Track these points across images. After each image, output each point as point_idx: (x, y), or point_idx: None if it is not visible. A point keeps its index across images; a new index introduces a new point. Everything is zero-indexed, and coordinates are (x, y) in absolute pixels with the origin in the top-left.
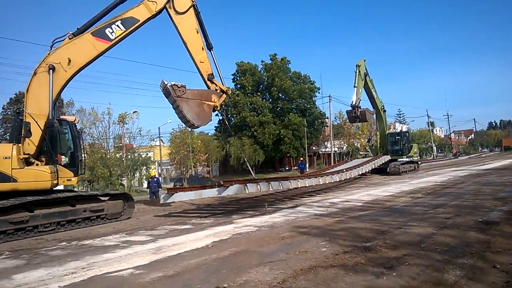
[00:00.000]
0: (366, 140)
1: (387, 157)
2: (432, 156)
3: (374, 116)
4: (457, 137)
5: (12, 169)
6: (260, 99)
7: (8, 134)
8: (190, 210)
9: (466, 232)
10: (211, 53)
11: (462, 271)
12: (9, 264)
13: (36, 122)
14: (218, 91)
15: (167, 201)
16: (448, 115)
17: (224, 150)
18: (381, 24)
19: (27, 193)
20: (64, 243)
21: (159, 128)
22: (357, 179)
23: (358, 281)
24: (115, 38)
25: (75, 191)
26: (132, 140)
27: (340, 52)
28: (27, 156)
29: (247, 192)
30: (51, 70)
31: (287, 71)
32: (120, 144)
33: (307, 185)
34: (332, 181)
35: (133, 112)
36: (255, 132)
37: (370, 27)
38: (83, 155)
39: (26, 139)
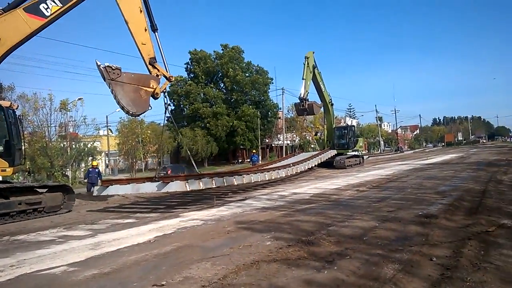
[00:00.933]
0: (314, 133)
1: (333, 152)
2: (379, 150)
3: (322, 109)
4: (403, 132)
5: None
6: (214, 89)
7: None
8: (135, 202)
9: (407, 225)
10: (155, 35)
11: (400, 264)
12: None
13: None
14: (160, 77)
15: (101, 194)
16: (395, 111)
17: (176, 141)
18: (333, 19)
19: None
20: None
21: (106, 116)
22: (306, 171)
23: (299, 275)
24: (51, 15)
25: (10, 182)
26: (77, 129)
27: (293, 45)
28: None
29: (188, 190)
30: None
31: (240, 61)
32: (63, 133)
33: (253, 181)
34: (279, 177)
35: (78, 99)
36: (208, 124)
37: (321, 21)
38: (22, 144)
39: None
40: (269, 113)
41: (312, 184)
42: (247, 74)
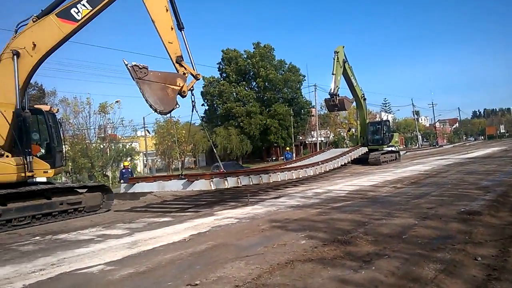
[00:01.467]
0: (347, 129)
1: (365, 149)
2: (417, 145)
3: (354, 104)
4: (442, 126)
5: None
6: (246, 88)
7: None
8: (170, 201)
9: (448, 223)
10: (182, 33)
11: (442, 264)
12: None
13: (3, 113)
14: (186, 75)
15: (128, 191)
16: (433, 104)
17: (210, 140)
18: (366, 13)
19: None
20: (37, 237)
21: (143, 118)
22: (340, 168)
23: (335, 275)
24: (82, 18)
25: (52, 183)
26: (115, 130)
27: (326, 41)
28: None
29: (213, 188)
30: (15, 56)
31: (271, 59)
32: (102, 135)
33: (279, 180)
34: (306, 175)
35: (115, 102)
36: (241, 123)
37: (354, 16)
38: (63, 146)
39: None
40: (302, 110)
41: (348, 181)
42: (279, 72)
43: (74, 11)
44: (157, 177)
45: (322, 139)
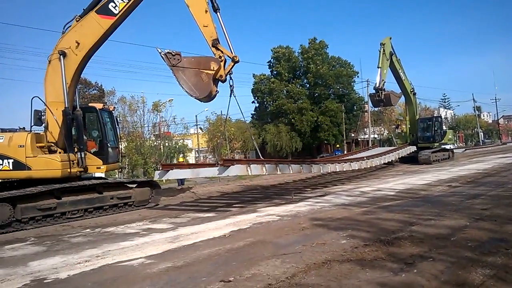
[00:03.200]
0: (394, 126)
1: (413, 148)
2: (478, 143)
3: (403, 99)
4: (506, 122)
5: (26, 157)
6: (298, 85)
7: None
8: (218, 197)
9: (503, 225)
10: (217, 15)
11: (492, 270)
12: (30, 251)
13: (50, 110)
14: (223, 58)
15: (163, 178)
16: (496, 99)
17: (260, 138)
18: (423, 3)
19: (43, 181)
20: (88, 230)
21: (196, 116)
22: (392, 167)
23: (373, 278)
24: (119, 12)
25: (105, 178)
26: (167, 128)
27: (379, 35)
28: (51, 144)
29: (250, 174)
30: (61, 56)
31: (324, 56)
32: (156, 133)
33: (322, 171)
34: (351, 169)
35: (168, 101)
36: (292, 119)
37: (411, 7)
38: (119, 143)
39: (49, 127)
40: (355, 106)
41: (399, 180)
42: (330, 68)
43: (112, 5)
44: (192, 165)
45: (376, 136)
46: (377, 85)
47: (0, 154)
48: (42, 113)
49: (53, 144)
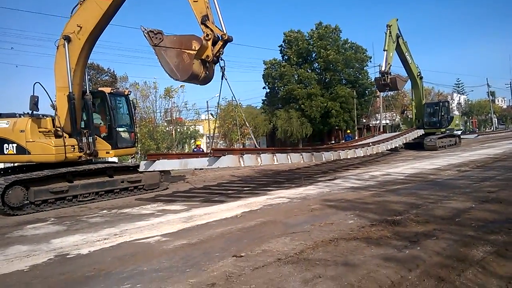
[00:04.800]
0: (400, 111)
1: (420, 131)
2: (492, 128)
3: (409, 84)
4: None
5: (26, 141)
6: (309, 70)
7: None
8: (230, 181)
9: (509, 206)
10: None
11: (493, 247)
12: (51, 230)
13: (49, 96)
14: (210, 36)
15: (148, 170)
16: (511, 84)
17: (271, 123)
18: None
19: (44, 165)
20: (104, 211)
21: (207, 102)
22: (401, 153)
23: (378, 254)
24: None
25: (114, 162)
26: (179, 113)
27: (391, 17)
28: (57, 129)
29: (243, 165)
30: (65, 42)
31: (336, 39)
32: (168, 119)
33: (324, 159)
34: (356, 156)
35: (180, 86)
36: (302, 105)
37: None
38: (134, 128)
39: (57, 112)
40: (367, 91)
41: (409, 164)
42: (341, 53)
43: None
44: (180, 154)
45: (388, 122)
46: (383, 69)
47: (5, 138)
48: (38, 98)
49: (59, 129)
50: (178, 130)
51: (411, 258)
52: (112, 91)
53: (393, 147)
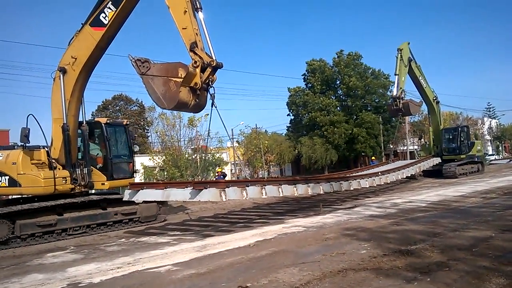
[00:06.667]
0: (418, 137)
1: (437, 159)
2: None
3: (426, 108)
4: None
5: (17, 174)
6: (333, 97)
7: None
8: (248, 209)
9: None
10: (199, 15)
11: (507, 279)
12: (69, 258)
13: (42, 128)
14: (198, 63)
15: (132, 199)
16: None
17: (296, 150)
18: (466, 9)
19: (39, 198)
20: (123, 239)
21: (232, 129)
22: (417, 181)
23: (385, 285)
24: (109, 22)
25: (117, 193)
26: (203, 141)
27: (417, 44)
28: (52, 160)
29: (225, 200)
30: (61, 73)
31: (358, 66)
32: (193, 147)
33: (322, 192)
34: (360, 187)
35: (204, 116)
36: (325, 132)
37: (453, 12)
38: (133, 158)
39: (52, 143)
40: (393, 118)
41: (433, 191)
42: (363, 79)
43: (103, 16)
44: (165, 183)
45: (416, 147)
46: (395, 93)
47: None
48: (29, 131)
49: (54, 161)
50: (203, 157)
51: None
52: (108, 121)
53: (405, 176)
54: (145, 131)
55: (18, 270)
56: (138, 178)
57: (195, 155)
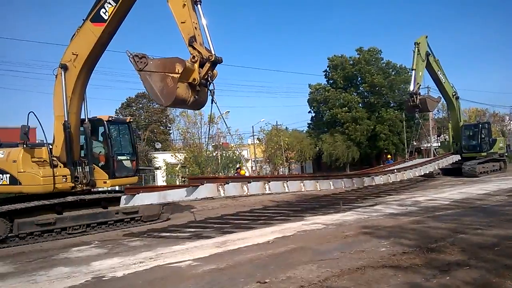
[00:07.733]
0: (437, 133)
1: (456, 157)
2: None
3: (444, 103)
4: None
5: (18, 172)
6: (354, 94)
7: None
8: (268, 207)
9: None
10: (198, 8)
11: None
12: (93, 253)
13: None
14: (196, 58)
15: (128, 204)
16: None
17: (317, 147)
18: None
19: (40, 196)
20: (145, 235)
21: (252, 127)
22: (445, 178)
23: (403, 282)
24: (109, 17)
25: (120, 191)
26: (223, 139)
27: (442, 40)
28: (53, 158)
29: (223, 195)
30: (62, 70)
31: (378, 62)
32: (214, 144)
33: (332, 188)
34: (374, 184)
35: (225, 112)
36: (347, 129)
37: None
38: (136, 156)
39: (55, 141)
40: (416, 114)
41: (456, 189)
42: (385, 76)
43: (103, 11)
44: (160, 187)
45: (440, 144)
46: (412, 89)
47: (0, 169)
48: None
49: (55, 159)
50: (224, 155)
51: (437, 287)
52: (110, 119)
53: (422, 173)
54: (167, 128)
55: (45, 264)
56: (160, 174)
57: (216, 152)
